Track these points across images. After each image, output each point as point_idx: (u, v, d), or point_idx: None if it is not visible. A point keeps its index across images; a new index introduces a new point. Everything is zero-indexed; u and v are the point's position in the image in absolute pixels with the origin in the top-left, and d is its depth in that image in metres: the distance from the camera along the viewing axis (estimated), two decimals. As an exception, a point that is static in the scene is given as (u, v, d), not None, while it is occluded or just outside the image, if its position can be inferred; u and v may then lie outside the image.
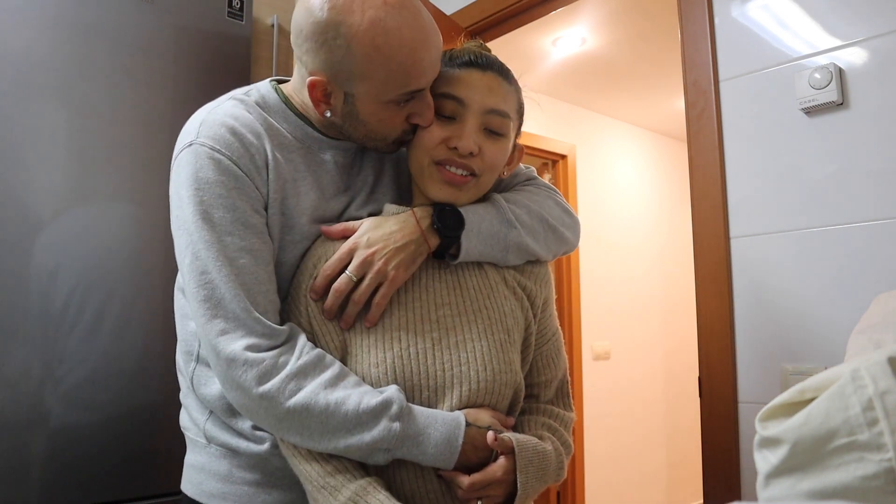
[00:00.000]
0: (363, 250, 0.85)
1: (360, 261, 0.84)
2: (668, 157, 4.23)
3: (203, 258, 0.81)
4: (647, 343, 3.88)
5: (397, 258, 0.85)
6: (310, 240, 0.91)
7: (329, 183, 0.94)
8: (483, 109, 0.88)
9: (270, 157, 0.87)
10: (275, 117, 0.91)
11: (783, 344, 1.31)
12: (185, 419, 0.98)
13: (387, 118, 0.88)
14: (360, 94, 0.85)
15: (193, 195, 0.82)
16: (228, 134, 0.84)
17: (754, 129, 1.38)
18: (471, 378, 0.85)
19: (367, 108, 0.86)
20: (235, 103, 0.90)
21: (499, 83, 0.90)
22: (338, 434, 0.79)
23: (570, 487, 3.27)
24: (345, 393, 0.80)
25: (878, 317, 0.72)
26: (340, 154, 0.95)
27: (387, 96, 0.85)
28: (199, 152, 0.83)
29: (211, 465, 0.92)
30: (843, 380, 0.46)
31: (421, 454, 0.80)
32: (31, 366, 1.19)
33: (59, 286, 1.24)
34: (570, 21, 2.75)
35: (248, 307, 0.80)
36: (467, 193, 0.90)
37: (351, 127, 0.90)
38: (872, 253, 1.21)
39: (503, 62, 0.94)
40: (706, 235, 1.43)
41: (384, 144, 0.93)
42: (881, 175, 1.21)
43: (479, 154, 0.87)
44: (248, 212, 0.83)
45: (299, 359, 0.81)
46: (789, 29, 1.34)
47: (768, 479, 0.48)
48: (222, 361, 0.80)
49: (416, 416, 0.81)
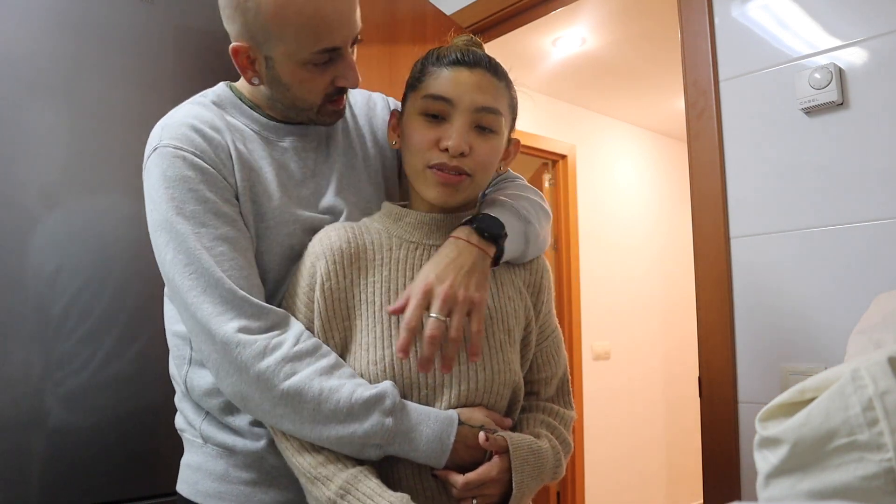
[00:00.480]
0: (440, 287, 0.81)
1: (443, 298, 0.81)
2: (668, 157, 4.23)
3: (184, 250, 0.82)
4: (647, 343, 3.88)
5: (474, 280, 0.84)
6: (283, 226, 0.91)
7: (295, 168, 0.95)
8: (472, 108, 0.86)
9: (232, 149, 0.89)
10: (231, 113, 0.95)
11: (783, 344, 1.31)
12: (180, 421, 0.99)
13: (308, 79, 0.89)
14: (278, 56, 0.87)
15: (164, 194, 0.84)
16: (190, 131, 0.88)
17: (754, 129, 1.38)
18: (469, 377, 0.85)
19: (287, 69, 0.88)
20: (192, 105, 0.93)
21: (488, 80, 0.88)
22: (329, 423, 0.79)
23: (569, 487, 3.27)
24: (339, 382, 0.80)
25: (878, 317, 0.72)
26: (299, 139, 0.97)
27: (302, 55, 0.86)
28: (164, 154, 0.86)
29: (207, 465, 0.92)
30: (843, 380, 0.46)
31: (412, 451, 0.80)
32: (31, 367, 1.19)
33: (59, 287, 1.23)
34: (570, 21, 2.75)
35: (234, 288, 0.81)
36: (463, 193, 0.89)
37: (278, 93, 0.92)
38: (873, 253, 1.21)
39: (492, 57, 0.92)
40: (706, 235, 1.43)
41: (315, 114, 0.95)
42: (881, 175, 1.21)
43: (471, 153, 0.86)
44: (219, 202, 0.85)
45: (296, 344, 0.81)
46: (789, 29, 1.34)
47: (768, 479, 0.48)
48: (218, 345, 0.80)
49: (409, 412, 0.81)
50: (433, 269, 0.84)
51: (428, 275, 0.83)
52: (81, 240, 1.27)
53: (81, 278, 1.25)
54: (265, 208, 0.90)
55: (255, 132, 0.95)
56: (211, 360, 0.82)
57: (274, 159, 0.94)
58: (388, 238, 0.92)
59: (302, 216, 0.93)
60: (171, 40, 1.40)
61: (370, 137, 1.06)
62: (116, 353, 1.28)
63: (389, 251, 0.90)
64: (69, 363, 1.23)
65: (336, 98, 0.94)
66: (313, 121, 0.97)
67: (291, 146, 0.96)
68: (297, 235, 0.92)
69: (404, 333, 0.80)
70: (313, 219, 0.94)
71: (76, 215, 1.28)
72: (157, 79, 1.38)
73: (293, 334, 0.83)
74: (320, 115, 0.95)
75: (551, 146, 3.46)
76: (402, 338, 0.80)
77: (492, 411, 0.87)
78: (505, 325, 0.90)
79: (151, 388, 1.30)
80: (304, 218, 0.93)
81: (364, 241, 0.90)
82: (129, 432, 1.28)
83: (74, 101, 1.29)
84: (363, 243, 0.90)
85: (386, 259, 0.90)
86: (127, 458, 1.28)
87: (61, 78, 1.28)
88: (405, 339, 0.80)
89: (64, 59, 1.28)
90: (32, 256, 1.22)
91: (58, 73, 1.28)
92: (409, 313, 0.80)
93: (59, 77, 1.28)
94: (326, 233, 0.91)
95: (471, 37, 0.96)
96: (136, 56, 1.36)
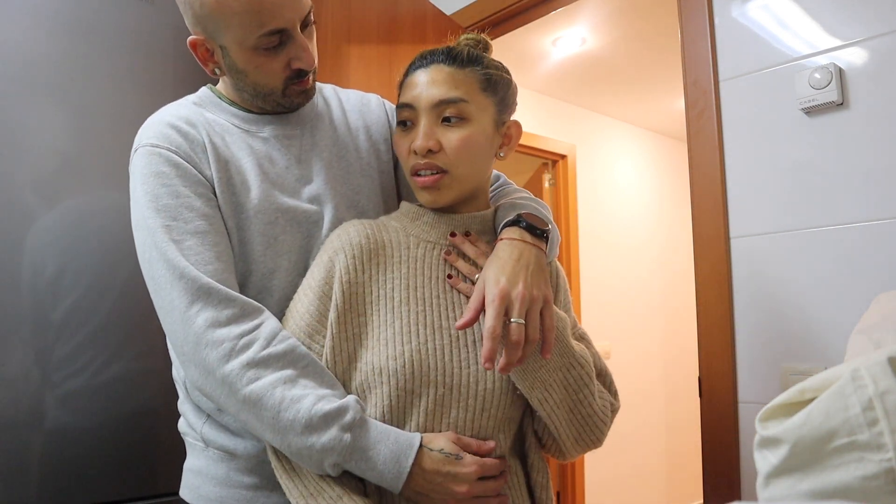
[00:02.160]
0: (516, 290, 0.80)
1: (521, 302, 0.80)
2: (668, 157, 4.23)
3: (155, 244, 0.83)
4: (647, 343, 3.88)
5: (540, 279, 0.84)
6: (263, 214, 0.90)
7: (278, 156, 0.96)
8: (430, 105, 0.87)
9: (207, 143, 0.90)
10: (210, 110, 0.97)
11: (783, 344, 1.31)
12: (182, 425, 0.99)
13: (263, 65, 0.90)
14: (230, 43, 0.88)
15: (141, 190, 0.86)
16: (166, 128, 0.90)
17: (754, 129, 1.38)
18: (487, 377, 0.84)
19: (241, 56, 0.89)
20: (172, 106, 0.96)
21: (445, 72, 0.88)
22: (287, 434, 0.78)
23: (570, 487, 3.27)
24: (302, 392, 0.78)
25: (878, 317, 0.72)
26: (280, 127, 0.98)
27: (249, 41, 0.87)
28: (143, 153, 0.88)
29: (209, 469, 0.91)
30: (843, 380, 0.46)
31: (369, 470, 0.78)
32: (32, 368, 1.19)
33: (60, 288, 1.23)
34: (570, 21, 2.74)
35: (199, 275, 0.81)
36: (446, 191, 0.89)
37: (240, 81, 0.93)
38: (872, 253, 1.21)
39: (455, 46, 0.92)
40: (706, 235, 1.43)
41: (281, 97, 0.95)
42: (881, 175, 1.21)
43: (441, 149, 0.87)
44: (192, 197, 0.86)
45: (266, 347, 0.80)
46: (789, 29, 1.34)
47: (768, 479, 0.48)
48: (189, 343, 0.80)
49: (368, 429, 0.79)
50: (502, 273, 0.81)
51: (499, 279, 0.81)
52: (82, 240, 1.27)
53: (83, 280, 1.25)
54: (243, 199, 0.90)
55: (234, 126, 0.96)
56: (183, 353, 0.82)
57: (254, 150, 0.94)
58: (406, 236, 0.92)
59: (284, 205, 0.92)
60: (171, 40, 1.40)
61: (363, 132, 1.06)
62: (117, 354, 1.28)
63: (407, 249, 0.91)
64: (69, 365, 1.23)
65: (297, 81, 0.94)
66: (283, 105, 0.97)
67: (272, 135, 0.97)
68: (280, 224, 0.92)
69: (490, 342, 0.77)
70: (297, 209, 0.93)
71: (77, 216, 1.28)
72: (157, 79, 1.38)
73: (265, 334, 0.81)
74: (286, 98, 0.95)
75: (551, 146, 3.45)
76: (488, 347, 0.77)
77: (468, 438, 0.84)
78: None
79: (151, 390, 1.30)
80: (286, 207, 0.92)
81: (382, 239, 0.91)
82: (128, 434, 1.28)
83: (74, 101, 1.29)
84: (381, 240, 0.90)
85: (404, 257, 0.90)
86: (126, 459, 1.28)
87: (61, 78, 1.28)
88: (491, 349, 0.77)
89: (64, 59, 1.28)
90: (33, 257, 1.22)
91: (58, 73, 1.27)
92: (492, 321, 0.78)
93: (59, 77, 1.28)
94: (345, 228, 0.92)
95: (475, 35, 0.95)
96: (136, 56, 1.36)
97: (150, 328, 1.33)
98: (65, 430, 1.21)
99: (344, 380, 0.85)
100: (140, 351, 1.30)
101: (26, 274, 1.21)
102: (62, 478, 1.20)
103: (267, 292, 0.91)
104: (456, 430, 0.84)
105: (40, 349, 1.20)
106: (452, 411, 0.83)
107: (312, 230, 0.94)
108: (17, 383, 1.18)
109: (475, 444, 0.83)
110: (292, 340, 0.82)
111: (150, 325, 1.35)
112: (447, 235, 0.92)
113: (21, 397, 1.18)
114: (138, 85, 1.35)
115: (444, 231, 0.92)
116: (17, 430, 1.17)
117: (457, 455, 0.80)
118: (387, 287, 0.87)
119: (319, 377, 0.82)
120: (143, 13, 1.38)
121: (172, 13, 1.45)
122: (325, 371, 0.83)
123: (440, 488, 0.79)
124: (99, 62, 1.32)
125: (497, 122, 0.92)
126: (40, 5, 1.26)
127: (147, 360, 1.30)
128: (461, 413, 0.84)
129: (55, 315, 1.22)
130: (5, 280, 1.18)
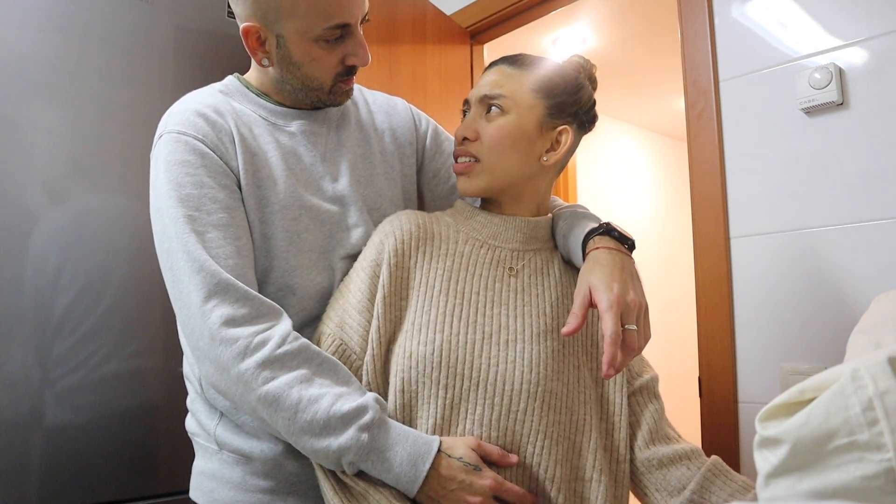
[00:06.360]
0: (628, 298, 0.80)
1: (636, 309, 0.80)
2: (668, 157, 4.23)
3: (175, 234, 0.82)
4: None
5: (639, 285, 0.86)
6: (288, 210, 0.90)
7: (304, 152, 0.95)
8: (477, 99, 0.94)
9: (235, 133, 0.89)
10: (238, 99, 0.95)
11: (783, 344, 1.31)
12: (192, 424, 0.96)
13: (319, 57, 0.90)
14: (290, 33, 0.87)
15: (164, 178, 0.85)
16: (193, 116, 0.88)
17: (754, 129, 1.38)
18: (514, 378, 0.84)
19: (299, 47, 0.89)
20: (198, 93, 0.95)
21: (499, 72, 0.94)
22: (304, 435, 0.77)
23: (570, 487, 3.27)
24: (320, 391, 0.77)
25: (878, 317, 0.72)
26: (308, 123, 0.97)
27: (314, 32, 0.87)
28: (168, 139, 0.87)
29: (223, 473, 0.90)
30: (843, 380, 0.46)
31: (385, 471, 0.77)
32: (31, 366, 1.19)
33: (60, 286, 1.23)
34: (570, 21, 2.74)
35: (218, 271, 0.80)
36: (477, 179, 0.93)
37: (289, 74, 0.92)
38: (873, 253, 1.21)
39: (523, 53, 0.98)
40: (706, 235, 1.43)
41: (327, 94, 0.94)
42: (881, 175, 1.21)
43: (478, 138, 0.92)
44: (216, 188, 0.85)
45: (280, 346, 0.78)
46: (789, 29, 1.34)
47: (768, 479, 0.48)
48: (204, 339, 0.78)
49: (387, 431, 0.78)
50: (613, 281, 0.81)
51: (611, 286, 0.80)
52: (82, 239, 1.27)
53: (82, 277, 1.25)
54: (269, 192, 0.89)
55: (262, 118, 0.95)
56: (198, 348, 0.80)
57: (281, 144, 0.93)
58: (456, 232, 0.95)
59: (308, 202, 0.92)
60: (171, 40, 1.40)
61: (389, 135, 1.06)
62: (116, 352, 1.28)
63: (455, 244, 0.93)
64: (69, 362, 1.23)
65: (346, 78, 0.94)
66: (323, 101, 0.96)
67: (300, 130, 0.96)
68: (303, 222, 0.91)
69: (612, 349, 0.76)
70: (320, 207, 0.93)
71: (77, 215, 1.28)
72: (157, 79, 1.38)
73: (279, 333, 0.80)
74: (331, 95, 0.95)
75: (551, 146, 3.45)
76: (610, 353, 0.76)
77: (490, 445, 0.81)
78: (560, 333, 0.92)
79: (152, 388, 1.30)
80: (310, 204, 0.92)
81: (433, 230, 0.93)
82: (129, 432, 1.28)
83: (74, 100, 1.29)
84: (432, 231, 0.93)
85: (451, 250, 0.92)
86: (127, 457, 1.28)
87: (61, 77, 1.28)
88: (613, 354, 0.76)
89: (64, 58, 1.28)
90: (33, 255, 1.22)
91: (58, 73, 1.27)
92: (614, 328, 0.77)
93: (60, 77, 1.28)
94: (398, 216, 0.95)
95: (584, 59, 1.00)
96: (136, 56, 1.36)
97: (149, 325, 1.34)
98: (64, 427, 1.21)
99: (380, 362, 0.85)
100: (138, 348, 1.30)
101: (27, 271, 1.21)
102: (62, 476, 1.20)
103: (289, 290, 0.90)
104: (480, 427, 0.82)
105: (40, 346, 1.20)
106: (478, 408, 0.83)
107: (334, 230, 0.94)
108: (17, 381, 1.18)
109: (497, 453, 0.81)
110: (304, 341, 0.82)
111: (149, 322, 1.35)
112: (496, 236, 0.95)
113: (20, 394, 1.18)
114: (138, 85, 1.35)
115: (493, 232, 0.95)
116: (16, 428, 1.17)
117: (476, 466, 0.79)
118: (430, 275, 0.90)
119: (335, 374, 0.81)
120: (142, 12, 1.38)
121: (172, 12, 1.45)
122: (339, 366, 0.82)
123: (454, 496, 0.77)
124: (98, 61, 1.32)
125: (543, 123, 0.93)
126: (40, 5, 1.27)
127: (145, 357, 1.30)
128: (486, 410, 0.83)
129: (54, 312, 1.22)
130: (6, 279, 1.18)
